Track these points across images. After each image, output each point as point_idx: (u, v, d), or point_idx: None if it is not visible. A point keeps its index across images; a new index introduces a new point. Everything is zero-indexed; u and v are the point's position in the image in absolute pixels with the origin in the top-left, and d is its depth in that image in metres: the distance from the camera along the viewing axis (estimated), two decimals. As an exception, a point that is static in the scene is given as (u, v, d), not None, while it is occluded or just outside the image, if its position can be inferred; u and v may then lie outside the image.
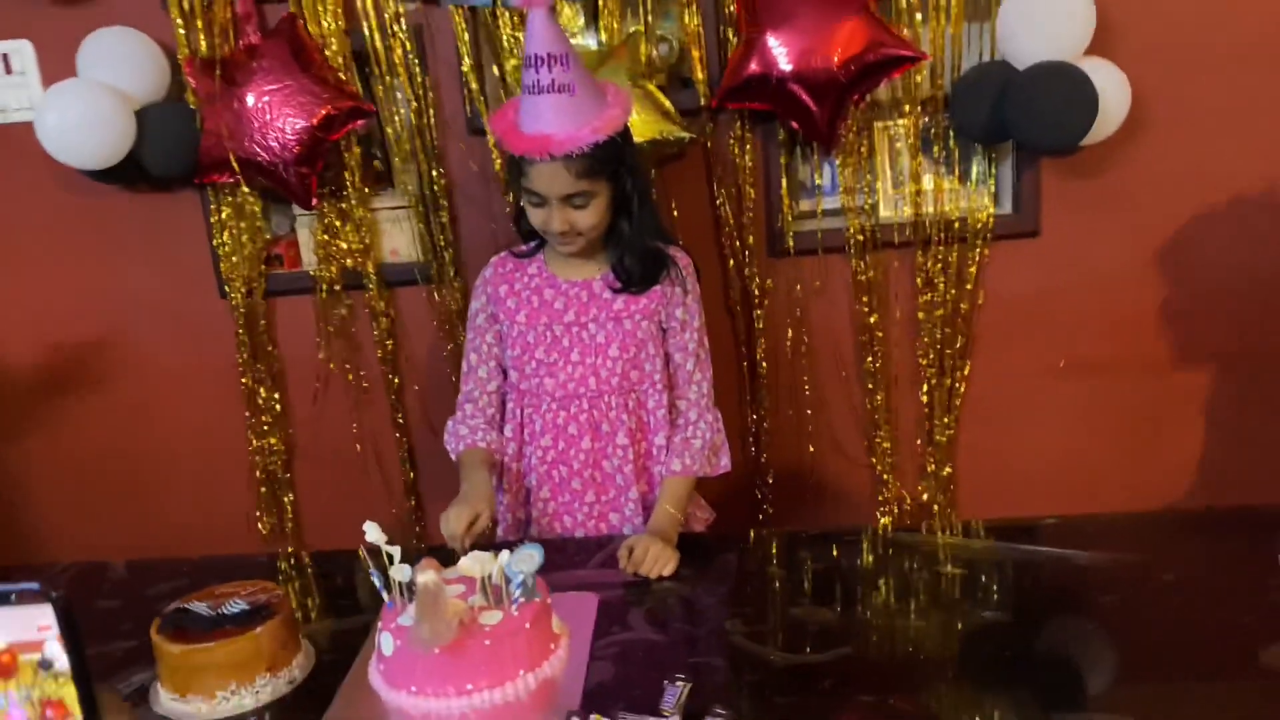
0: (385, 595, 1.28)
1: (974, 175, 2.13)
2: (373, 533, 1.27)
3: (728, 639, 1.32)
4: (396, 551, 1.26)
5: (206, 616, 1.28)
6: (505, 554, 1.26)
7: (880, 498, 2.33)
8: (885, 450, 2.29)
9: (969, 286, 2.18)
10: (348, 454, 2.41)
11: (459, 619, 1.21)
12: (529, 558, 1.26)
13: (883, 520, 2.33)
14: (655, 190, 1.88)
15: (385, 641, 1.25)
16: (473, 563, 1.26)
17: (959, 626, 1.33)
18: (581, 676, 1.25)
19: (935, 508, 2.32)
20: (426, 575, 1.17)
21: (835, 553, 1.55)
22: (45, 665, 0.65)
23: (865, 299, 2.21)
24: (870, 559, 1.54)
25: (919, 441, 2.30)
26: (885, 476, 2.31)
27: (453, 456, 1.73)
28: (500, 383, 1.77)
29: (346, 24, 2.10)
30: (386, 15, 2.09)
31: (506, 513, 1.78)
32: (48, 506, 2.51)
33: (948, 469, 2.29)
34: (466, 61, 2.11)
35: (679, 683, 1.19)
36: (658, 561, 1.50)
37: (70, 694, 0.67)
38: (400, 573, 1.24)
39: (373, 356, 2.35)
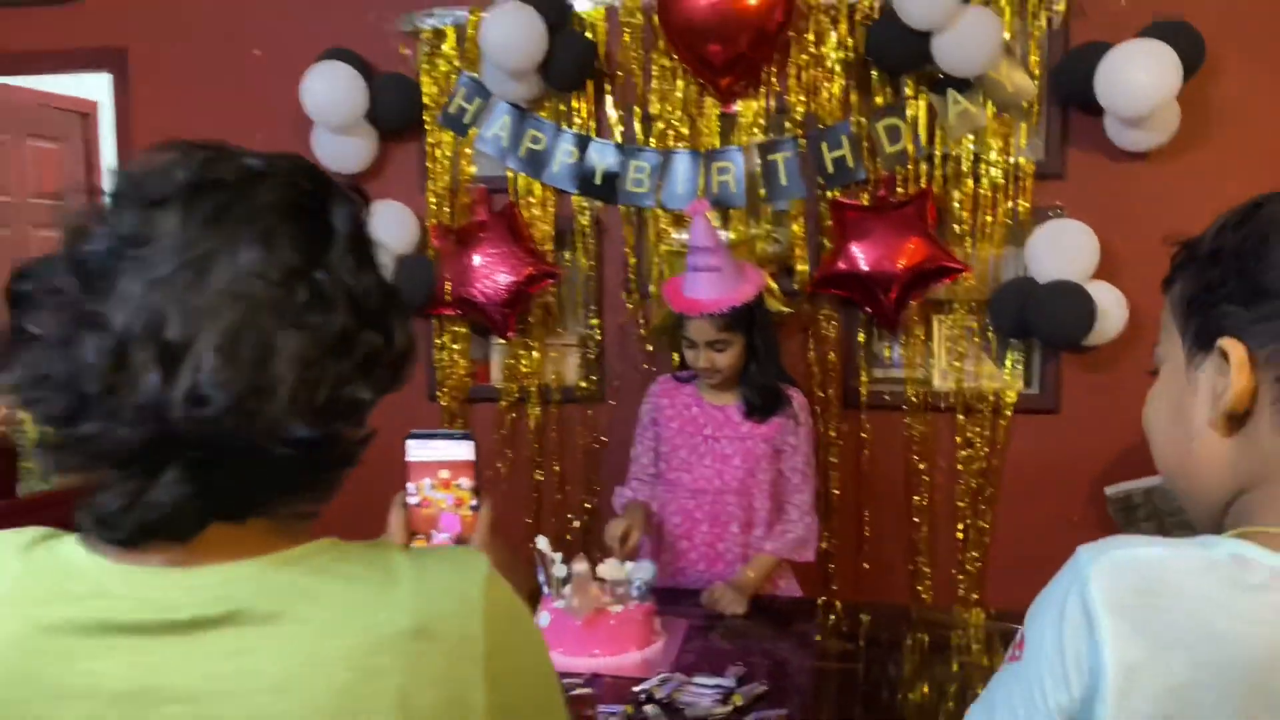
0: (545, 588, 1.92)
1: (1008, 361, 2.75)
2: (542, 543, 1.93)
3: (775, 655, 1.91)
4: (559, 557, 1.91)
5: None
6: (630, 564, 1.89)
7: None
8: (925, 574, 2.83)
9: (999, 447, 2.76)
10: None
11: (596, 602, 1.85)
12: (645, 567, 1.89)
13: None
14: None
15: (543, 617, 1.89)
16: (609, 569, 1.90)
17: (936, 677, 1.89)
18: (672, 657, 1.85)
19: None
20: (582, 564, 1.82)
21: (870, 617, 2.17)
22: (459, 485, 1.20)
23: (916, 449, 2.81)
24: (897, 625, 2.12)
25: (953, 570, 2.83)
26: (925, 597, 2.83)
27: (618, 510, 2.29)
28: (652, 463, 2.34)
29: (548, 212, 2.91)
30: (574, 208, 2.90)
31: (651, 554, 2.29)
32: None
33: (975, 595, 2.81)
34: (629, 243, 2.89)
35: (738, 664, 1.79)
36: (730, 604, 2.08)
37: (466, 496, 1.15)
38: (559, 570, 1.88)
39: (526, 454, 3.04)
